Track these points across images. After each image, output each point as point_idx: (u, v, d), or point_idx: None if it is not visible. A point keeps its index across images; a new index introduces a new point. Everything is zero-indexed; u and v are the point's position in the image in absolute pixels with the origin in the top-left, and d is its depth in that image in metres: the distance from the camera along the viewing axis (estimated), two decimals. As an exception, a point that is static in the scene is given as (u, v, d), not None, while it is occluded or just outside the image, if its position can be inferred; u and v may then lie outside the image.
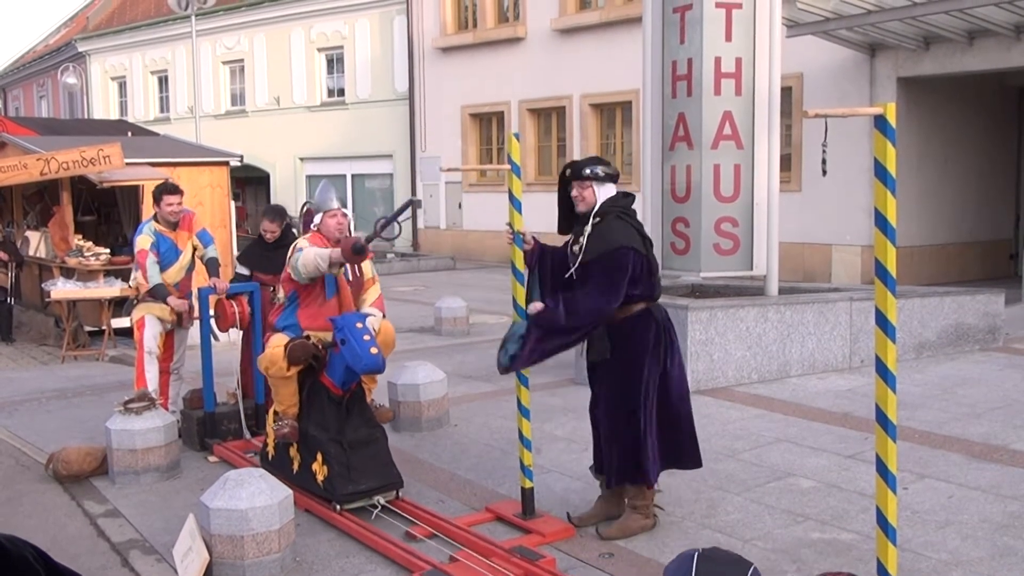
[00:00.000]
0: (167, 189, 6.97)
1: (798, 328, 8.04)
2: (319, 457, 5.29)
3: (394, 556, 4.64)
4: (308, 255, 5.24)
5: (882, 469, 3.17)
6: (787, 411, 7.09)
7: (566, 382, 8.30)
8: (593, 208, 4.70)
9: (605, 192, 4.71)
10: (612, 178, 4.76)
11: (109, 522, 5.43)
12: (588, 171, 4.70)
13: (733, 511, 5.16)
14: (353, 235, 5.53)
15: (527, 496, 5.06)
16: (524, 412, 5.08)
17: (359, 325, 5.16)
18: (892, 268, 3.10)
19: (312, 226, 5.57)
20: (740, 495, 5.40)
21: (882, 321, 3.12)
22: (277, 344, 5.34)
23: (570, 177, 4.79)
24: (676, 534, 4.87)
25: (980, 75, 14.14)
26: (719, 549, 2.32)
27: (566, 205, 4.89)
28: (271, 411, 5.73)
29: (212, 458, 6.51)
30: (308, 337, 5.41)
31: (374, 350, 5.07)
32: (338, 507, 5.16)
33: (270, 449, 5.78)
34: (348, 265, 5.45)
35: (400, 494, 5.38)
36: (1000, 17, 12.29)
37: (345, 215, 5.60)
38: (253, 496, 4.49)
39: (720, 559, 2.26)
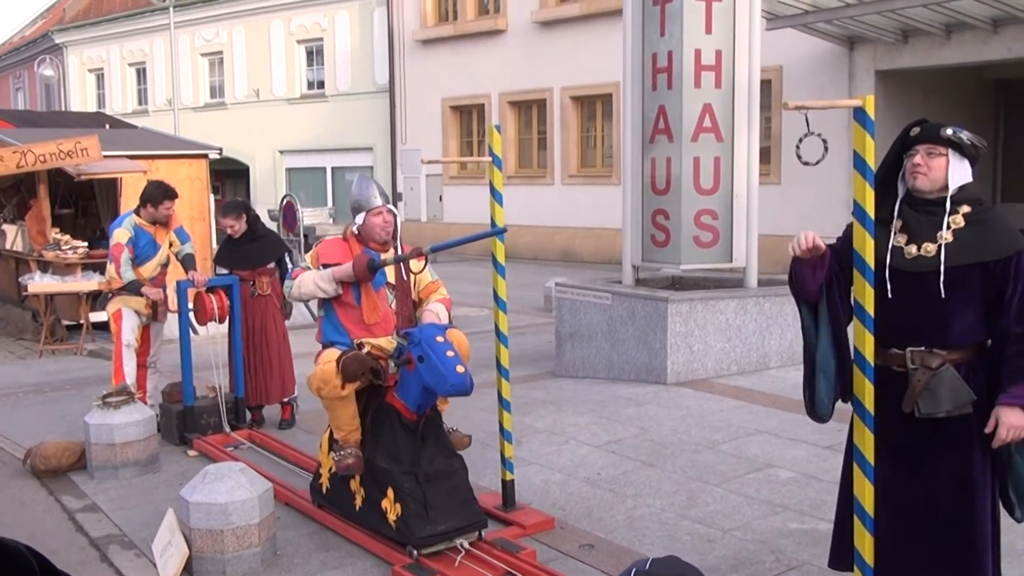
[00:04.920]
0: (169, 195, 6.85)
1: (777, 320, 8.08)
2: (390, 493, 4.54)
3: (375, 549, 4.64)
4: (306, 282, 4.78)
5: (860, 459, 3.20)
6: (766, 402, 7.13)
7: (546, 375, 8.25)
8: (935, 189, 3.32)
9: (961, 172, 3.33)
10: (974, 157, 3.36)
11: (87, 517, 5.40)
12: (950, 132, 3.28)
13: (712, 502, 5.19)
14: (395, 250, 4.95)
15: (508, 488, 5.07)
16: (505, 405, 5.08)
17: (440, 339, 4.40)
18: (870, 260, 3.12)
19: (353, 227, 4.93)
20: (719, 486, 5.43)
21: (860, 312, 3.14)
22: (328, 360, 4.63)
23: (918, 138, 3.34)
24: (655, 525, 4.89)
25: (958, 68, 14.23)
26: (671, 560, 2.08)
27: (884, 182, 3.36)
28: (325, 436, 5.02)
29: (191, 452, 6.49)
30: (361, 346, 4.73)
31: (460, 368, 4.30)
32: (415, 552, 4.40)
33: (323, 481, 5.06)
34: (394, 267, 4.87)
35: (483, 534, 4.63)
36: (977, 11, 12.38)
37: (392, 212, 4.91)
38: (233, 490, 4.48)
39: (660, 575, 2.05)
